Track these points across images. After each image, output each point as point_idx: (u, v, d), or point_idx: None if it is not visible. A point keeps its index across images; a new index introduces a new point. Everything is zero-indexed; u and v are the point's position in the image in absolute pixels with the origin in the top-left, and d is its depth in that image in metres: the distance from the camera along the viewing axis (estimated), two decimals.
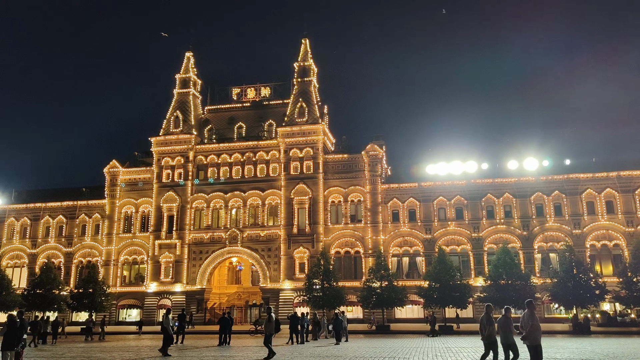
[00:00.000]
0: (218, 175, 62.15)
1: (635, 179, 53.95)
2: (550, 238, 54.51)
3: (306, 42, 65.86)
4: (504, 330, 14.82)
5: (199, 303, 58.79)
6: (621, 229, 53.15)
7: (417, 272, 56.07)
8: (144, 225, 63.00)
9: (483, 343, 15.36)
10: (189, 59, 68.36)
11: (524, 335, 13.77)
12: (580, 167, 56.27)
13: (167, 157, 63.33)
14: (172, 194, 61.76)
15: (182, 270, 59.85)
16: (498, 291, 43.78)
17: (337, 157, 60.65)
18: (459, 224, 56.50)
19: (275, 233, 58.95)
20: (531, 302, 14.57)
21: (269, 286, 57.54)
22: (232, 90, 68.51)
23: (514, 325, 15.02)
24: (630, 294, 42.72)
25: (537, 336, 13.71)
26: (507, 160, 57.95)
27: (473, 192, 56.74)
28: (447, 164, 58.64)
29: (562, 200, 55.08)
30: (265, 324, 21.76)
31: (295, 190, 58.97)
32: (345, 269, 57.14)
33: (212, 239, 60.34)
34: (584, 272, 43.56)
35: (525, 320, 13.90)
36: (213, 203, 61.36)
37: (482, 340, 15.41)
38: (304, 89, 63.50)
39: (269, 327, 21.50)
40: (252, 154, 61.84)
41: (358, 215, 58.63)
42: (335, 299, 46.62)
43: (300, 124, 60.90)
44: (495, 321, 15.29)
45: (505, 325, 14.85)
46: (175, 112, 65.08)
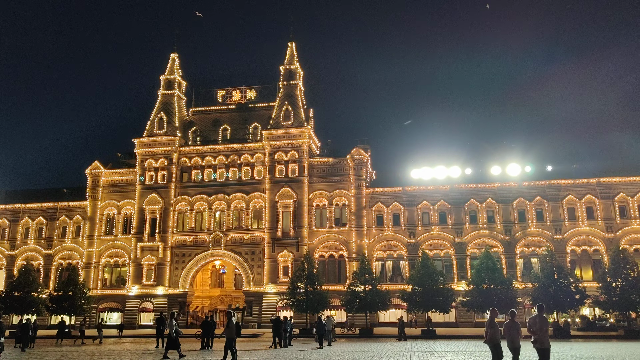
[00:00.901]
0: (202, 177, 61.73)
1: (614, 185, 54.88)
2: (532, 243, 55.15)
3: (292, 45, 65.90)
4: (510, 334, 14.85)
5: (182, 306, 58.19)
6: (601, 234, 53.99)
7: (401, 276, 56.26)
8: (126, 228, 62.25)
9: (488, 346, 15.47)
10: (174, 60, 67.90)
11: (535, 339, 13.89)
12: (562, 173, 57.11)
13: (150, 159, 62.72)
14: (155, 196, 61.16)
15: (165, 273, 59.24)
16: (480, 296, 44.08)
17: (322, 161, 60.67)
18: (443, 229, 56.86)
19: (260, 236, 58.70)
20: (542, 306, 14.75)
21: (252, 290, 57.22)
22: (217, 92, 68.19)
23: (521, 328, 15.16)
24: (609, 299, 43.30)
25: (547, 339, 13.89)
26: (490, 165, 58.58)
27: (456, 197, 57.19)
28: (431, 168, 59.07)
29: (543, 205, 55.77)
30: (225, 329, 21.13)
31: (280, 194, 58.81)
32: (329, 273, 57.09)
33: (196, 242, 59.85)
34: (564, 277, 44.06)
35: (536, 324, 14.02)
36: (197, 205, 60.90)
37: (486, 343, 15.56)
38: (290, 92, 63.46)
39: (229, 332, 20.91)
40: (236, 156, 61.56)
41: (343, 219, 58.66)
42: (319, 302, 46.49)
43: (286, 127, 60.82)
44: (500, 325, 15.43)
45: (512, 328, 14.88)
46: (160, 114, 64.54)
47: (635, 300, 42.06)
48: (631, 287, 42.32)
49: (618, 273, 43.48)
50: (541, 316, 14.19)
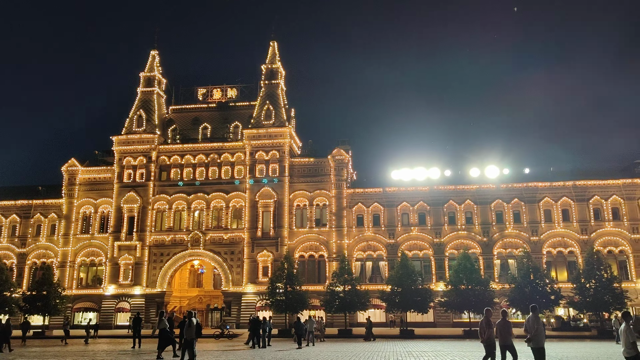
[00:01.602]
0: (181, 176, 61.11)
1: (589, 188, 55.99)
2: (509, 244, 55.94)
3: (274, 44, 65.71)
4: (502, 333, 15.29)
5: (159, 306, 57.47)
6: (576, 236, 55.04)
7: (380, 277, 56.51)
8: (103, 226, 61.29)
9: (483, 346, 15.77)
10: (154, 57, 67.10)
11: (528, 338, 14.29)
12: (539, 176, 58.11)
13: (129, 157, 61.85)
14: (134, 194, 60.33)
15: (142, 273, 58.47)
16: (458, 296, 44.53)
17: (303, 161, 60.61)
18: (422, 229, 57.31)
19: (239, 236, 58.35)
20: (536, 307, 15.13)
21: (231, 290, 56.85)
22: (197, 90, 67.61)
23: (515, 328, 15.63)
24: (583, 300, 44.17)
25: (541, 339, 14.33)
26: (469, 167, 59.29)
27: (436, 198, 57.69)
28: (411, 170, 59.52)
29: (521, 207, 56.62)
30: (185, 329, 20.56)
31: (260, 193, 58.56)
32: (309, 273, 57.04)
33: (174, 241, 59.22)
34: (540, 278, 44.80)
35: (530, 324, 14.45)
36: (175, 205, 60.26)
37: (482, 343, 15.83)
38: (272, 92, 63.25)
39: (188, 332, 20.36)
40: (216, 155, 61.09)
41: (323, 219, 58.67)
42: (299, 303, 46.43)
43: (267, 127, 60.59)
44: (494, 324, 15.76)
45: (504, 328, 15.33)
46: (139, 111, 63.69)
47: (608, 301, 42.99)
48: (604, 288, 43.23)
49: (592, 274, 44.37)
50: (536, 316, 14.64)
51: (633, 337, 12.31)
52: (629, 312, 13.60)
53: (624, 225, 54.60)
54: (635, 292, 50.63)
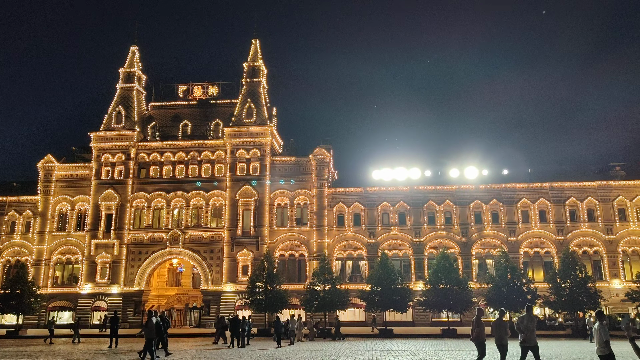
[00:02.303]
0: (161, 174, 60.44)
1: (566, 190, 57.00)
2: (487, 245, 56.64)
3: (256, 42, 65.39)
4: (498, 332, 15.49)
5: (137, 305, 56.83)
6: (552, 237, 55.99)
7: (360, 276, 56.70)
8: (80, 224, 60.29)
9: (474, 344, 16.03)
10: (134, 53, 66.20)
11: (523, 337, 14.74)
12: (517, 177, 58.97)
13: (107, 154, 60.91)
14: (112, 191, 59.45)
15: (120, 271, 57.68)
16: (437, 295, 44.93)
17: (285, 160, 60.47)
18: (402, 229, 57.66)
19: (219, 235, 57.95)
20: (530, 306, 15.57)
21: (210, 289, 56.45)
22: (178, 87, 66.93)
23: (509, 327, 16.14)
24: (558, 299, 44.97)
25: (534, 338, 14.84)
26: (449, 168, 59.85)
27: (416, 198, 58.11)
28: (391, 170, 59.83)
29: (499, 208, 57.36)
30: (144, 329, 20.13)
31: (241, 192, 58.24)
32: (289, 272, 56.94)
33: (153, 240, 58.54)
34: (517, 278, 45.45)
35: (525, 323, 14.87)
36: (154, 202, 59.58)
37: (472, 341, 16.12)
38: (253, 90, 62.94)
39: (148, 332, 19.95)
40: (197, 153, 60.57)
41: (304, 218, 58.62)
42: (278, 302, 46.34)
43: (248, 125, 60.27)
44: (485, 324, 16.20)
45: (499, 327, 15.56)
46: (118, 107, 62.78)
47: (583, 301, 43.84)
48: (579, 288, 44.08)
49: (567, 274, 45.19)
50: (529, 316, 15.04)
51: (606, 335, 12.54)
52: (602, 311, 13.91)
53: (599, 226, 55.72)
54: (608, 292, 51.74)
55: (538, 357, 14.83)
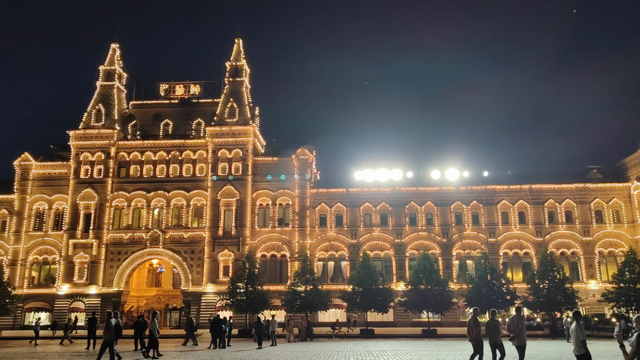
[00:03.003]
0: (141, 173, 59.73)
1: (545, 192, 57.87)
2: (468, 245, 57.20)
3: (239, 42, 65.04)
4: (492, 332, 15.86)
5: (115, 306, 55.99)
6: (531, 238, 56.80)
7: (342, 277, 56.77)
8: (58, 223, 59.26)
9: (471, 344, 16.28)
10: (115, 50, 65.31)
11: (512, 337, 15.22)
12: (497, 179, 59.70)
13: (86, 152, 59.96)
14: (91, 191, 58.55)
15: (98, 272, 56.83)
16: (418, 296, 45.23)
17: (267, 160, 60.26)
18: (384, 230, 57.91)
19: (200, 235, 57.49)
20: (520, 308, 16.38)
21: (190, 289, 55.96)
22: (159, 85, 66.21)
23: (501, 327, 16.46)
24: (537, 300, 45.63)
25: (524, 337, 15.37)
26: (430, 169, 60.30)
27: (398, 199, 58.41)
28: (374, 171, 60.07)
29: (479, 209, 57.98)
30: (104, 330, 19.67)
31: (223, 192, 57.86)
32: (271, 273, 56.76)
33: (132, 240, 57.81)
34: (497, 279, 46.01)
35: (514, 323, 15.42)
36: (134, 202, 58.85)
37: (470, 342, 16.35)
38: (236, 89, 62.60)
39: (107, 333, 19.51)
40: (178, 152, 60.00)
41: (286, 218, 58.48)
42: (260, 302, 46.15)
43: (230, 125, 59.91)
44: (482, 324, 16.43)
45: (493, 327, 15.99)
46: (98, 105, 61.86)
47: (560, 301, 44.57)
48: (557, 289, 44.81)
49: (545, 275, 45.90)
50: (519, 316, 15.56)
51: (583, 335, 12.75)
52: (579, 311, 14.24)
53: (576, 228, 56.68)
54: (585, 292, 52.67)
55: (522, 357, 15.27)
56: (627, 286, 44.39)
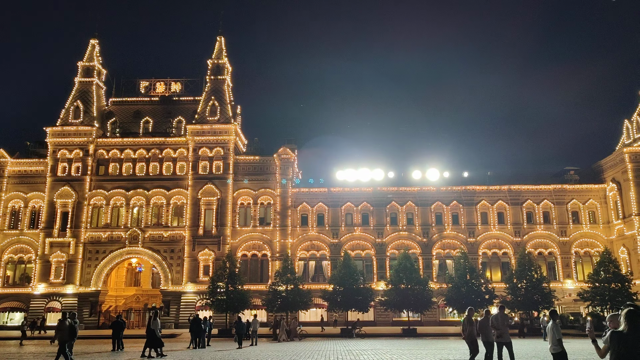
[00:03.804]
0: (120, 171, 58.93)
1: (523, 192, 58.73)
2: (448, 245, 57.74)
3: (221, 39, 64.59)
4: (484, 330, 16.45)
5: (93, 306, 55.22)
6: (510, 238, 57.58)
7: (323, 276, 56.82)
8: (34, 222, 58.13)
9: (466, 342, 16.85)
10: (94, 46, 64.30)
11: (498, 334, 15.82)
12: (477, 179, 60.36)
13: (64, 149, 58.94)
14: (68, 189, 57.57)
15: (76, 271, 55.90)
16: (398, 295, 45.49)
17: (249, 159, 59.97)
18: (365, 230, 58.12)
19: (180, 234, 56.96)
20: (503, 306, 17.02)
21: (170, 289, 55.42)
22: (139, 83, 65.37)
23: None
24: (515, 299, 46.28)
25: (508, 334, 16.06)
26: (411, 170, 60.69)
27: (379, 199, 58.67)
28: (355, 170, 60.24)
29: (459, 210, 58.57)
30: (57, 332, 19.12)
31: (203, 191, 57.42)
32: (252, 272, 56.52)
33: (111, 239, 57.00)
34: (476, 278, 46.53)
35: (500, 321, 16.00)
36: (113, 200, 58.04)
37: (465, 340, 16.95)
38: (217, 87, 62.16)
39: (61, 335, 18.96)
40: (158, 150, 59.35)
41: (267, 218, 58.29)
42: (240, 302, 45.94)
43: (212, 123, 59.47)
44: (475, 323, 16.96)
45: (485, 325, 16.51)
46: (76, 102, 60.83)
47: (537, 300, 45.26)
48: (534, 288, 45.49)
49: (523, 275, 46.56)
50: (502, 314, 16.17)
51: (559, 334, 12.95)
52: (556, 310, 14.54)
53: (554, 228, 57.64)
54: (562, 291, 53.60)
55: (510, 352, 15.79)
56: (601, 285, 45.26)
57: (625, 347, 6.71)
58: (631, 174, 54.62)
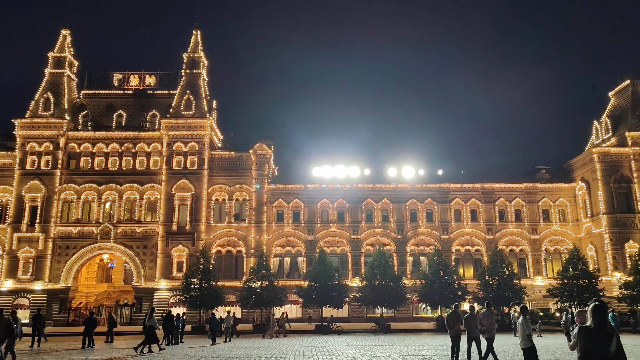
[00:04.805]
0: (92, 165, 57.75)
1: (496, 190, 59.72)
2: (422, 242, 58.37)
3: (197, 33, 63.80)
4: (469, 326, 17.03)
5: (63, 302, 54.06)
6: (482, 235, 58.51)
7: (298, 272, 56.81)
8: (1, 216, 56.58)
9: (450, 337, 17.33)
10: (66, 37, 62.75)
11: (482, 330, 16.33)
12: (451, 177, 61.17)
13: (33, 142, 57.44)
14: (37, 182, 56.15)
15: (45, 267, 54.61)
16: (373, 291, 45.79)
17: (224, 154, 59.45)
18: (340, 226, 58.29)
19: (153, 230, 56.16)
20: (490, 303, 17.66)
21: (142, 285, 54.64)
22: (113, 75, 64.12)
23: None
24: (487, 295, 46.98)
25: (494, 330, 16.57)
26: (387, 167, 61.14)
27: (355, 196, 58.89)
28: (331, 167, 60.34)
29: (433, 207, 59.22)
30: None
31: (177, 186, 56.71)
32: (226, 269, 56.14)
33: (82, 234, 55.85)
34: (449, 275, 47.15)
35: (486, 318, 16.53)
36: (85, 195, 56.86)
37: (450, 335, 17.37)
38: (193, 81, 61.39)
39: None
40: (131, 144, 58.34)
41: (242, 214, 57.93)
42: (214, 299, 45.58)
43: (187, 117, 58.73)
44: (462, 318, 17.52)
45: (471, 321, 17.13)
46: (46, 94, 59.31)
47: (508, 297, 46.11)
48: (505, 285, 46.32)
49: (495, 271, 47.35)
50: (489, 311, 16.71)
51: (529, 329, 13.23)
52: (526, 306, 14.99)
53: (525, 226, 58.80)
54: (532, 288, 54.75)
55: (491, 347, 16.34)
56: (570, 282, 46.35)
57: (591, 342, 6.84)
58: (599, 174, 56.04)
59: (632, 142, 56.68)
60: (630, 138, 56.76)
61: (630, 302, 44.93)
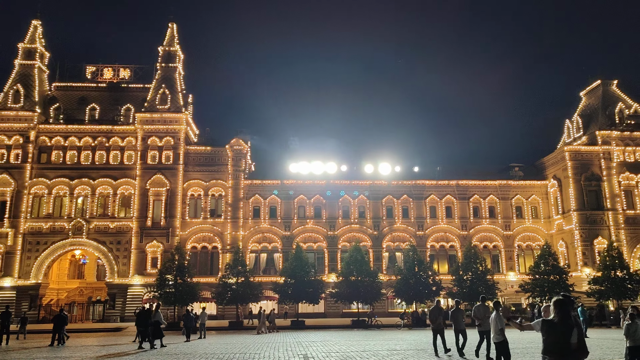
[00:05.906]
0: (64, 159, 56.49)
1: (470, 187, 60.55)
2: (397, 238, 58.85)
3: (173, 26, 62.89)
4: (456, 319, 17.64)
5: (33, 299, 52.86)
6: (457, 232, 59.30)
7: (274, 268, 56.68)
8: None
9: (432, 329, 18.04)
10: (37, 27, 61.14)
11: (479, 323, 16.56)
12: (426, 174, 61.74)
13: (2, 135, 55.89)
14: (6, 176, 54.69)
15: (14, 263, 53.28)
16: (349, 287, 45.98)
17: (200, 149, 58.84)
18: (317, 222, 58.35)
19: (127, 225, 55.30)
20: (484, 297, 18.07)
21: (116, 281, 53.79)
22: (86, 68, 62.76)
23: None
24: (460, 290, 47.73)
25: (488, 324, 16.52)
26: (364, 163, 61.39)
27: (331, 192, 58.92)
28: (308, 163, 60.30)
29: (409, 203, 59.75)
30: None
31: (152, 181, 55.93)
32: (202, 265, 55.67)
33: (53, 229, 54.65)
34: (424, 270, 47.67)
35: (481, 312, 16.87)
36: (56, 190, 55.62)
37: (432, 328, 18.09)
38: (168, 75, 60.54)
39: None
40: (105, 138, 57.27)
41: (218, 210, 57.48)
42: (189, 295, 45.18)
43: (162, 111, 57.91)
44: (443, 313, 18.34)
45: (457, 315, 17.77)
46: (16, 85, 57.73)
47: (482, 292, 46.78)
48: (479, 280, 47.07)
49: (469, 267, 48.08)
50: (484, 305, 17.08)
51: (502, 324, 13.48)
52: (499, 301, 15.24)
53: (498, 222, 59.80)
54: (505, 283, 55.75)
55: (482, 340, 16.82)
56: (541, 277, 47.34)
57: (554, 335, 6.96)
58: (571, 172, 57.31)
59: (602, 140, 58.12)
60: (600, 137, 58.18)
61: (598, 296, 46.13)
